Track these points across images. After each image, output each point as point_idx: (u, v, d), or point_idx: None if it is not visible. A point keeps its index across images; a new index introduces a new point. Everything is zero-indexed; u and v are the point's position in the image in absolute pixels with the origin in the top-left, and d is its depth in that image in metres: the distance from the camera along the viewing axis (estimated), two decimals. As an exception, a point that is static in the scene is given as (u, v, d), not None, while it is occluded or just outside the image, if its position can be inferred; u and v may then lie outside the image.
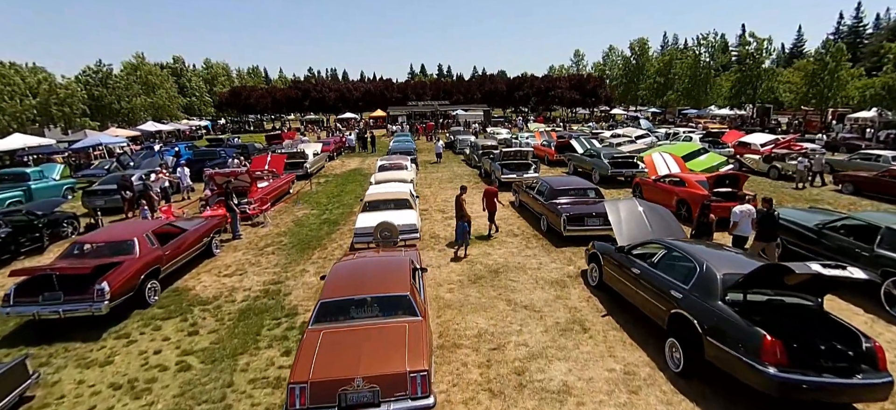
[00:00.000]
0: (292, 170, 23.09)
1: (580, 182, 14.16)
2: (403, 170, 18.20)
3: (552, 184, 13.38)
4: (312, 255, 11.79)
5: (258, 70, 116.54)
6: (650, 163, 16.71)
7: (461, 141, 31.99)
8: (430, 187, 20.47)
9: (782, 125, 47.45)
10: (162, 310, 8.89)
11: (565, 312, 8.20)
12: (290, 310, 8.64)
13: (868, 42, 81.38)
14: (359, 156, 33.01)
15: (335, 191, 20.09)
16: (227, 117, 77.50)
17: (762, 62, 51.13)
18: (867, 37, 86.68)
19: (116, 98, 53.72)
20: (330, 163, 29.47)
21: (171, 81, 64.24)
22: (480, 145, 25.52)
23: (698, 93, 59.48)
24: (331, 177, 24.03)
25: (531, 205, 14.43)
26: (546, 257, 11.06)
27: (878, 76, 43.68)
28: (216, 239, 12.22)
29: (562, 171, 23.68)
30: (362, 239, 11.27)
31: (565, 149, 25.54)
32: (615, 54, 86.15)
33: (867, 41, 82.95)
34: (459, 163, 27.79)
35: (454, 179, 22.23)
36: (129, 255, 8.99)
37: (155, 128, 51.05)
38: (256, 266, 11.16)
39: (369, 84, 79.32)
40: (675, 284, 6.63)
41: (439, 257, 11.32)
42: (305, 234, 13.63)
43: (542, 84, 72.75)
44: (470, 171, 24.62)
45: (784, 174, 20.79)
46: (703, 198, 13.09)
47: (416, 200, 14.03)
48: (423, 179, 22.41)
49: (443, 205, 16.95)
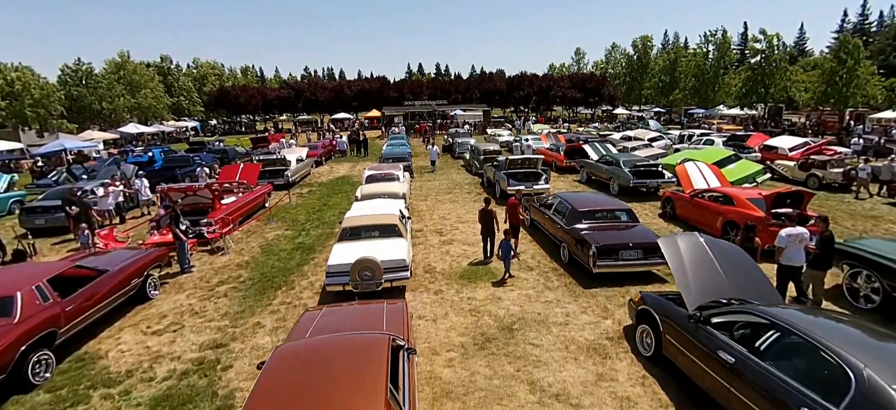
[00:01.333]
0: (271, 178, 20.63)
1: (607, 200, 11.68)
2: (394, 182, 15.70)
3: (573, 204, 10.88)
4: (274, 298, 9.29)
5: (252, 69, 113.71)
6: (684, 174, 14.24)
7: (460, 144, 29.48)
8: (425, 199, 17.97)
9: (795, 125, 45.22)
10: (50, 396, 6.39)
11: (615, 407, 5.73)
12: (223, 400, 6.14)
13: (873, 40, 79.47)
14: (349, 161, 30.47)
15: (317, 205, 17.56)
16: (218, 118, 74.81)
17: (774, 59, 48.85)
18: (872, 35, 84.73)
19: (97, 98, 51.03)
20: (317, 169, 26.94)
21: (157, 80, 61.55)
22: (482, 150, 23.02)
23: (706, 92, 57.23)
24: (315, 187, 21.50)
25: (547, 227, 11.94)
26: (573, 303, 8.57)
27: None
28: (154, 276, 9.71)
29: (572, 180, 21.24)
30: (336, 280, 8.77)
31: (576, 154, 23.08)
32: (618, 52, 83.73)
33: (872, 39, 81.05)
34: (458, 170, 25.29)
35: (452, 189, 19.73)
36: (4, 319, 6.48)
37: (137, 130, 48.37)
38: (199, 316, 8.64)
39: (364, 83, 76.56)
40: (809, 402, 4.15)
41: (436, 303, 8.82)
42: (271, 266, 11.11)
43: (542, 83, 70.27)
44: (470, 180, 22.11)
45: (825, 184, 18.41)
46: (760, 220, 10.68)
47: (407, 223, 11.53)
48: (418, 189, 19.91)
49: (440, 223, 14.46)
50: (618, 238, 9.62)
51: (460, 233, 13.25)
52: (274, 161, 21.33)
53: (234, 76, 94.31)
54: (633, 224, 10.46)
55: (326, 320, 6.41)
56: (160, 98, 60.49)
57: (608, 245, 9.30)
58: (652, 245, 9.38)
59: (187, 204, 13.78)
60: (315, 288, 9.64)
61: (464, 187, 20.20)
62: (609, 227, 10.18)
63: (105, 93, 51.64)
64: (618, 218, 10.60)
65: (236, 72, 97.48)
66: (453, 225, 14.09)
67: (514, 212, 11.23)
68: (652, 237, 9.69)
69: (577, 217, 10.44)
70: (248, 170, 17.21)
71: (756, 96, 50.20)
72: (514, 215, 11.23)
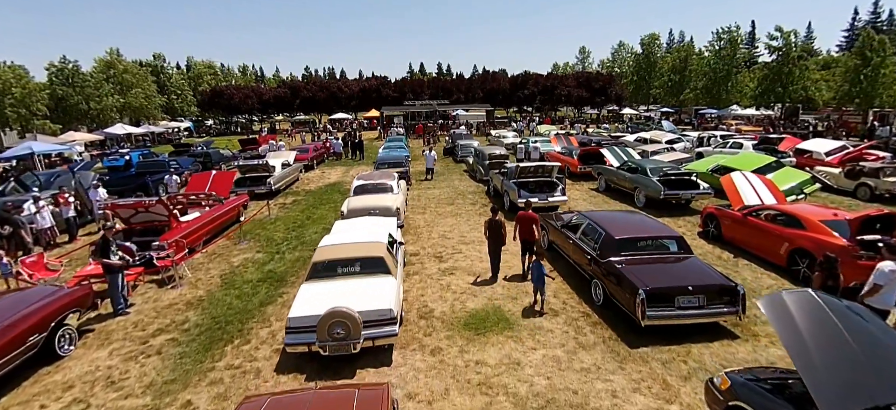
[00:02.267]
0: (252, 186, 18.46)
1: (651, 224, 9.40)
2: (387, 195, 13.47)
3: (608, 228, 8.60)
4: (220, 358, 7.07)
5: (251, 69, 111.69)
6: (731, 187, 11.96)
7: (463, 146, 27.24)
8: (423, 212, 15.74)
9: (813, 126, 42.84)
10: None
11: None
12: None
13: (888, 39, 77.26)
14: (343, 165, 28.26)
15: (299, 218, 15.35)
16: (215, 118, 72.61)
17: (792, 57, 46.46)
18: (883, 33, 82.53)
19: (84, 98, 48.92)
20: (307, 175, 24.74)
21: (150, 80, 59.46)
22: (487, 154, 20.79)
23: (718, 92, 54.90)
24: (301, 196, 19.29)
25: (571, 254, 9.71)
26: (619, 373, 6.33)
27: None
28: (70, 326, 7.51)
29: (588, 188, 18.99)
30: (299, 339, 6.55)
31: (591, 159, 20.83)
32: (625, 50, 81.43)
33: (886, 38, 78.86)
34: (461, 176, 23.05)
35: (455, 199, 17.50)
36: None
37: (124, 130, 46.25)
38: (115, 388, 6.43)
39: (364, 82, 74.41)
40: None
41: (432, 372, 6.58)
42: (228, 306, 8.88)
43: (547, 82, 68.00)
44: (475, 188, 19.88)
45: (878, 194, 16.13)
46: (843, 249, 8.41)
47: (399, 251, 9.30)
48: (416, 199, 17.69)
49: (440, 243, 12.23)
50: (671, 278, 7.37)
51: (464, 259, 11.02)
52: (255, 167, 19.11)
53: (231, 75, 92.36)
54: (686, 256, 8.21)
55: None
56: (152, 97, 58.45)
57: (661, 288, 7.05)
58: (716, 287, 7.17)
59: (139, 221, 11.60)
60: (276, 343, 7.41)
61: (467, 197, 17.97)
62: (656, 261, 7.94)
63: (92, 93, 49.53)
64: (666, 248, 8.35)
65: (234, 71, 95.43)
66: (455, 248, 11.87)
67: (527, 226, 9.50)
68: (715, 276, 7.45)
69: (614, 246, 8.19)
70: (220, 179, 15.05)
71: (774, 96, 47.84)
72: (528, 229, 9.50)
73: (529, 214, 9.55)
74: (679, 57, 65.06)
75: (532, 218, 9.53)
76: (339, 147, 31.18)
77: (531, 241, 9.55)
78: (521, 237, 9.60)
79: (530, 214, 9.56)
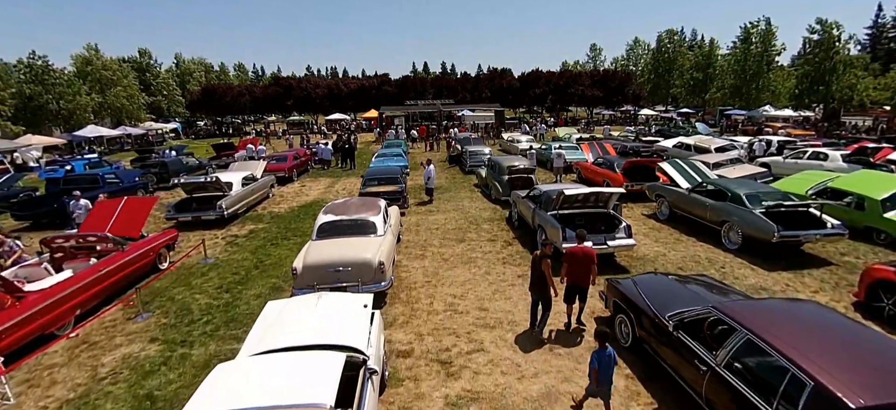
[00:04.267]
0: (198, 211, 14.02)
1: (810, 310, 4.84)
2: (369, 239, 8.87)
3: (815, 372, 3.93)
4: None
5: (247, 67, 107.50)
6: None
7: (472, 154, 22.65)
8: (422, 255, 11.15)
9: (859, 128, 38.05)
10: None
11: None
12: None
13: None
14: (331, 176, 23.73)
15: (246, 265, 10.79)
16: (208, 119, 68.12)
17: (835, 53, 41.52)
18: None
19: (55, 97, 44.64)
20: (284, 189, 20.23)
21: (131, 77, 55.17)
22: (505, 167, 16.21)
23: (748, 91, 50.07)
24: (263, 223, 14.74)
25: (687, 375, 5.13)
26: None
27: None
28: None
29: (640, 213, 14.39)
30: None
31: (637, 175, 16.22)
32: (640, 47, 76.59)
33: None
34: (471, 191, 18.47)
35: (465, 231, 12.89)
36: None
37: (96, 133, 41.89)
38: None
39: (363, 80, 69.86)
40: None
41: None
42: None
43: (559, 80, 63.26)
44: (491, 211, 15.29)
45: None
46: None
47: (369, 380, 4.72)
48: (412, 231, 13.13)
49: (446, 326, 7.62)
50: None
51: (487, 364, 6.44)
52: (202, 185, 14.55)
53: (225, 74, 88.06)
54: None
55: None
56: (134, 97, 54.18)
57: None
58: None
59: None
60: None
61: (482, 226, 13.37)
62: None
63: (64, 91, 45.25)
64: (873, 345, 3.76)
65: (228, 69, 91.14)
66: (471, 331, 7.32)
67: (582, 267, 7.02)
68: None
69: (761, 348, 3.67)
70: (131, 209, 10.51)
71: (816, 95, 43.03)
72: (583, 271, 7.04)
73: (585, 251, 7.10)
74: (702, 53, 60.29)
75: (588, 255, 7.05)
76: (327, 153, 26.58)
77: (583, 288, 7.16)
78: (570, 280, 7.10)
79: (586, 250, 7.11)
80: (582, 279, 7.09)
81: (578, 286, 7.15)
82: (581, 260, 7.01)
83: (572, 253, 7.09)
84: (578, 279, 7.09)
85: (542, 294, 6.92)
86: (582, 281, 7.10)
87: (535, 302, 7.14)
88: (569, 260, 7.09)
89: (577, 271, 7.04)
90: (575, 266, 7.04)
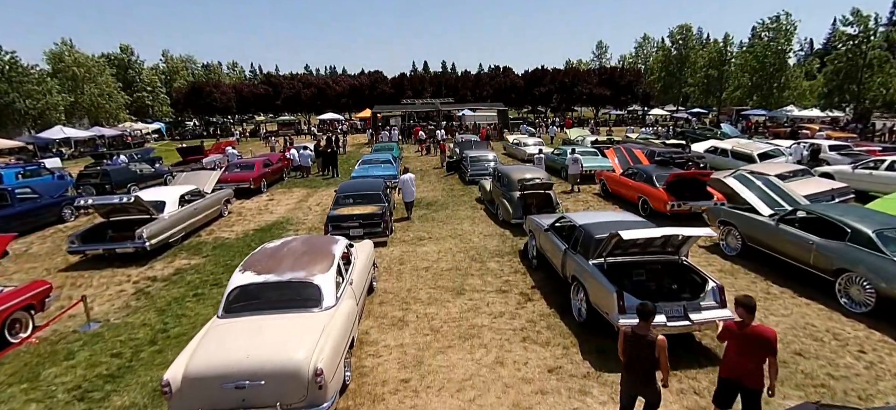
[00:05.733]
0: (115, 242, 10.62)
1: None
2: (304, 318, 5.40)
3: None
4: None
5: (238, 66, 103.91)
6: None
7: (474, 161, 19.19)
8: (402, 320, 7.65)
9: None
10: None
11: None
12: None
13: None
14: (307, 185, 20.27)
15: (140, 338, 7.30)
16: (194, 119, 64.55)
17: (870, 49, 37.97)
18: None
19: (22, 95, 41.16)
20: (246, 204, 16.76)
21: (107, 74, 51.66)
22: (516, 180, 12.77)
23: (769, 90, 46.60)
24: (199, 257, 11.23)
25: None
26: None
27: None
28: None
29: (697, 246, 10.90)
30: None
31: (684, 191, 12.72)
32: (650, 45, 73.14)
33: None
34: (473, 207, 15.04)
35: (466, 272, 9.39)
36: None
37: (63, 134, 38.46)
38: None
39: (357, 78, 66.38)
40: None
41: None
42: None
43: (565, 78, 59.83)
44: (499, 238, 11.81)
45: None
46: None
47: None
48: (393, 273, 9.65)
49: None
50: None
51: None
52: (123, 206, 11.00)
53: (215, 72, 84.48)
54: None
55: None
56: (113, 95, 50.73)
57: None
58: None
59: None
60: None
61: (488, 265, 9.87)
62: None
63: (32, 90, 41.81)
64: None
65: (217, 67, 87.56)
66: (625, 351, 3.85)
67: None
68: None
69: None
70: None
71: (848, 94, 39.49)
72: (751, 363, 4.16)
73: (762, 331, 4.11)
74: (716, 50, 56.80)
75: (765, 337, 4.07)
76: (306, 159, 23.04)
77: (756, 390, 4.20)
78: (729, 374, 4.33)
79: (764, 331, 4.11)
80: (751, 373, 4.20)
81: (741, 385, 4.31)
82: (753, 340, 4.15)
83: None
84: (744, 371, 4.23)
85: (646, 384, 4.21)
86: (753, 377, 4.22)
87: (628, 396, 4.41)
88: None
89: (743, 362, 4.21)
90: (740, 343, 4.22)
